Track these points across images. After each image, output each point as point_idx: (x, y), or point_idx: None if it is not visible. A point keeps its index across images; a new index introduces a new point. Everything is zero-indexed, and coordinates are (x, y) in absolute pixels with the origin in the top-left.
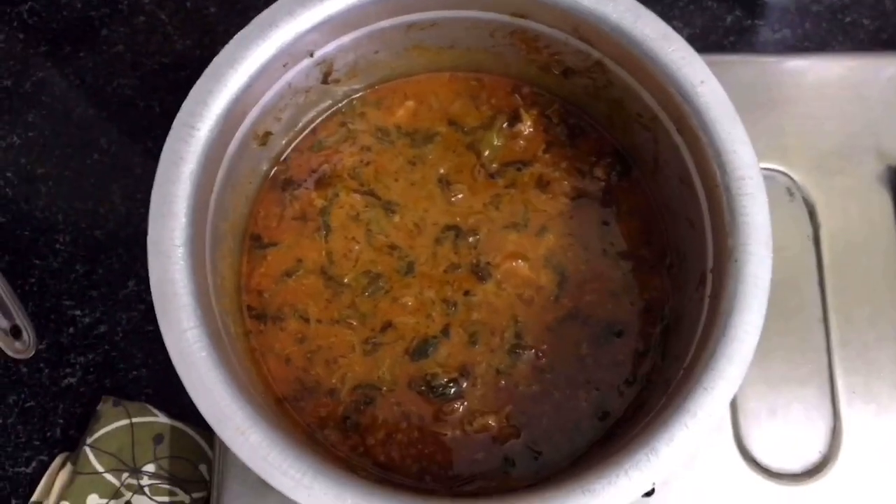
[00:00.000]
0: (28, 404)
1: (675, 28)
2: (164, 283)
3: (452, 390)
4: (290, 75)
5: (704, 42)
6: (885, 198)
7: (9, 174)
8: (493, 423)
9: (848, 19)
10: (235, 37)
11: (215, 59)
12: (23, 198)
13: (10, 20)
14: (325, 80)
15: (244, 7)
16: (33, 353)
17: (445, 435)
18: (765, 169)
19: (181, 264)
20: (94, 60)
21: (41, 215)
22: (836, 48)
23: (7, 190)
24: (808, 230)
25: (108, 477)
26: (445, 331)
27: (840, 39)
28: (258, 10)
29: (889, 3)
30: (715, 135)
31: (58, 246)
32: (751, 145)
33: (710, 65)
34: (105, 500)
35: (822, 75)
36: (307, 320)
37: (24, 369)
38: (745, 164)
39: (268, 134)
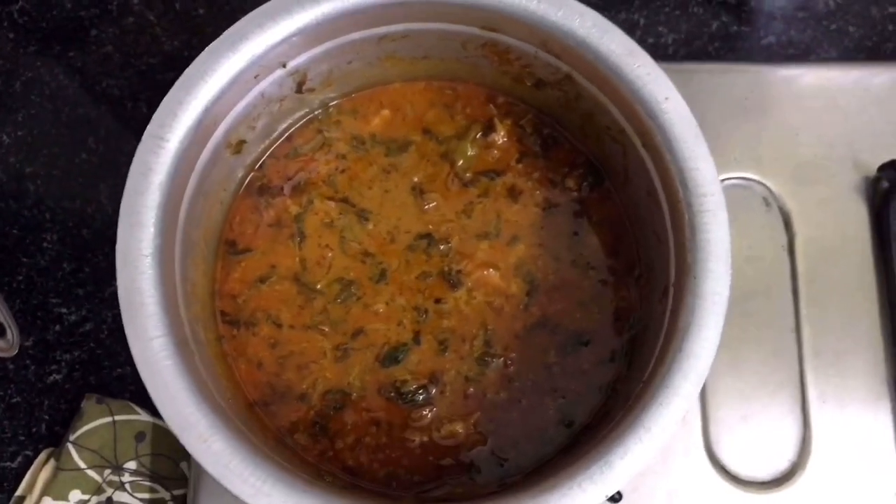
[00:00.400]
0: (14, 400)
1: (660, 34)
2: (132, 293)
3: (421, 397)
4: (262, 86)
5: (689, 48)
6: (861, 208)
7: None
8: (460, 430)
9: (834, 26)
10: (206, 49)
11: (186, 72)
12: (11, 196)
13: (0, 20)
14: (299, 90)
15: (232, 9)
16: (16, 351)
17: (413, 441)
18: (741, 178)
19: (149, 273)
20: (83, 60)
21: (29, 213)
22: (822, 55)
23: None
24: (783, 240)
25: (91, 473)
26: (416, 338)
27: (825, 47)
28: (246, 13)
29: (875, 11)
30: (678, 152)
31: (45, 244)
32: (713, 162)
33: (689, 73)
34: (87, 496)
35: (800, 85)
36: (280, 326)
37: (11, 366)
38: (707, 180)
39: (241, 142)
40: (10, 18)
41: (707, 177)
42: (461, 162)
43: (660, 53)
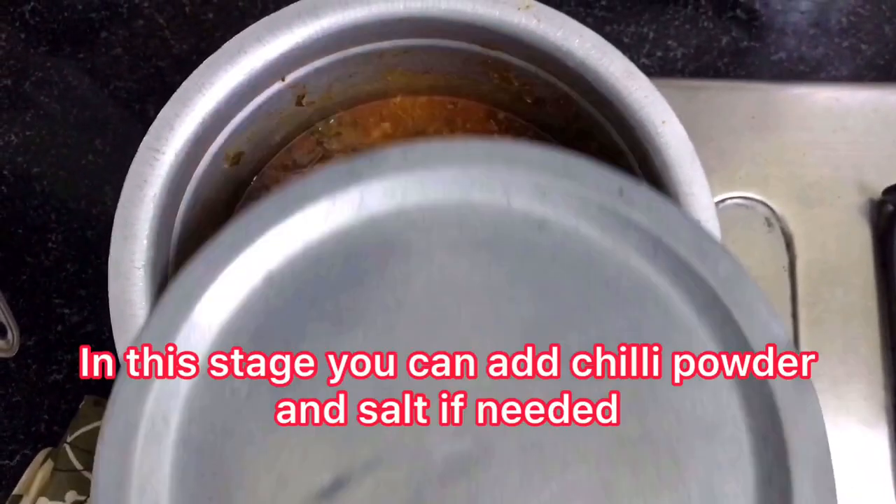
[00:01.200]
0: (15, 399)
1: (669, 47)
2: (123, 304)
3: None
4: (261, 99)
5: (698, 63)
6: (865, 231)
7: (5, 172)
8: None
9: (846, 44)
10: (204, 62)
11: (183, 84)
12: (18, 196)
13: (12, 20)
14: (298, 103)
15: (241, 14)
16: (16, 351)
17: None
18: (744, 198)
19: (140, 286)
20: (92, 62)
21: (35, 214)
22: (832, 72)
23: (3, 188)
24: (785, 261)
25: (87, 475)
26: None
27: (836, 64)
28: (256, 18)
29: (888, 29)
30: (674, 176)
31: (50, 245)
32: (708, 188)
33: (695, 89)
34: (83, 498)
35: (809, 104)
36: None
37: (12, 364)
38: (702, 206)
39: (240, 154)
40: (21, 18)
41: (702, 202)
42: None
43: (668, 68)
